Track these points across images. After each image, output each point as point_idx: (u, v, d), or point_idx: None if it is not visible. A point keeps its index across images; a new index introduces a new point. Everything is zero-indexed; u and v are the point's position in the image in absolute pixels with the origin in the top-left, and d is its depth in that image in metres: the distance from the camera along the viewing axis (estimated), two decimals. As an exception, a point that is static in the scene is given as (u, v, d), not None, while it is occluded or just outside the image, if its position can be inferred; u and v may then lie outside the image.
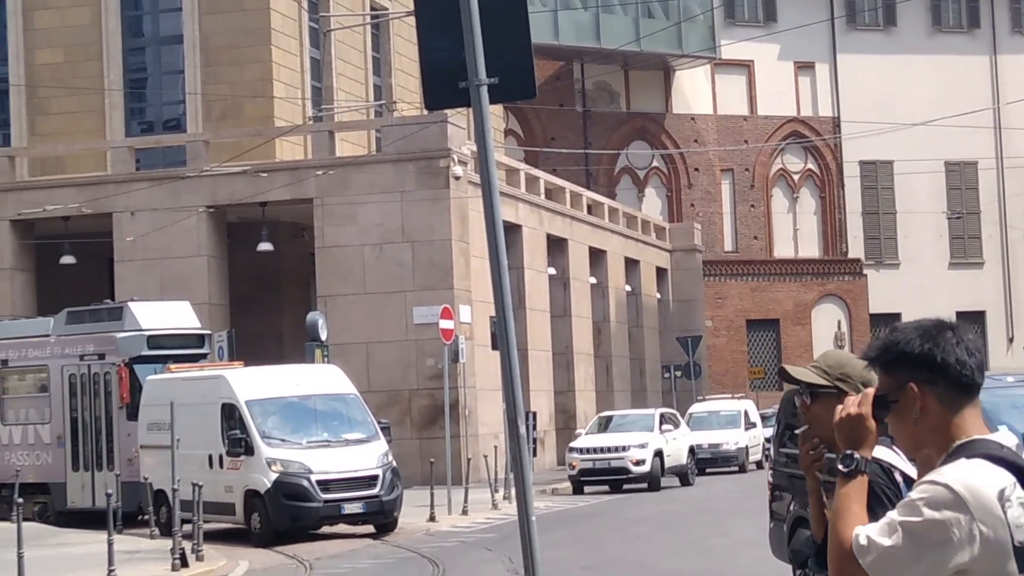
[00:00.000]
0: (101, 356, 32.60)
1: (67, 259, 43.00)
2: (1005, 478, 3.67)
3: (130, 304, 33.54)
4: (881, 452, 4.68)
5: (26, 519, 22.50)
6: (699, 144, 71.54)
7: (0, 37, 48.04)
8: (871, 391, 3.94)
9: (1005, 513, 3.63)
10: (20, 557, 19.41)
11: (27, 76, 47.15)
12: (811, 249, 74.13)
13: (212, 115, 46.09)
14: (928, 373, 3.84)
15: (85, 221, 42.81)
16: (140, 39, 47.62)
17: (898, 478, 4.79)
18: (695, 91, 72.12)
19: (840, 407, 3.99)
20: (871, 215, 74.77)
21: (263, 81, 45.70)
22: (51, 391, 33.57)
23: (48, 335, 33.87)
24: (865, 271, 73.43)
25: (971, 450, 3.76)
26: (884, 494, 4.62)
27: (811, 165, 74.60)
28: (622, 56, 66.25)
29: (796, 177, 74.26)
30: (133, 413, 30.95)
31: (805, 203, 74.43)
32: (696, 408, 48.70)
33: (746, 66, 72.45)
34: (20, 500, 22.63)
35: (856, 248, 74.16)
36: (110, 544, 21.32)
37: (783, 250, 73.64)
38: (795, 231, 73.92)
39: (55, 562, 23.58)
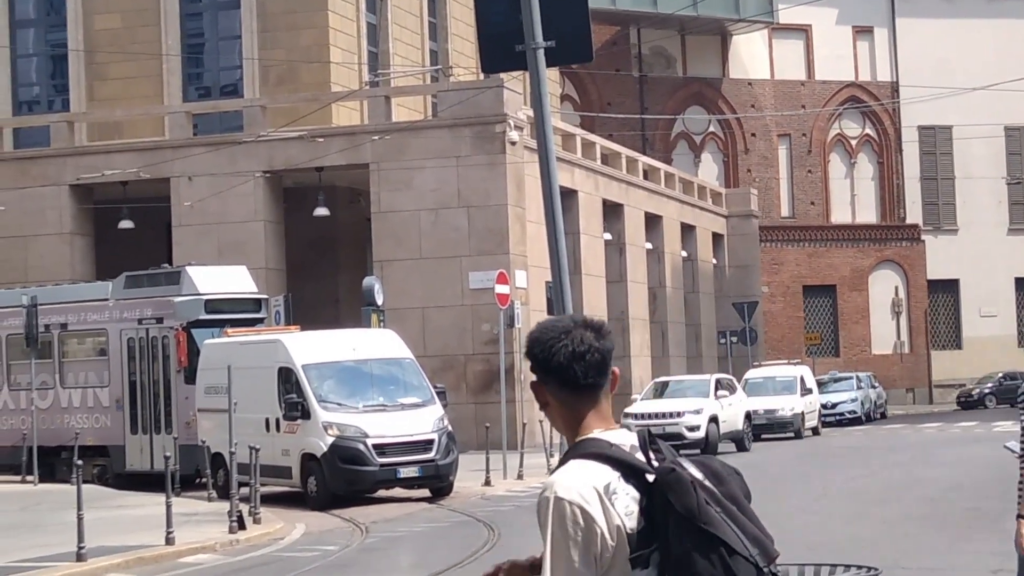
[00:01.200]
0: (159, 320, 32.79)
1: (125, 224, 43.24)
2: (608, 473, 3.99)
3: (188, 268, 33.72)
4: None
5: (85, 481, 22.70)
6: (756, 109, 71.18)
7: (59, 3, 48.28)
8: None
9: (613, 505, 3.95)
10: (80, 519, 19.60)
11: (85, 42, 47.37)
12: (869, 215, 73.70)
13: (269, 80, 46.19)
14: (543, 373, 4.19)
15: (143, 186, 43.04)
16: (197, 4, 47.74)
17: None
18: (752, 56, 71.72)
19: None
20: (929, 180, 74.23)
21: (319, 46, 45.75)
22: (110, 355, 33.81)
23: (107, 299, 34.09)
24: (923, 237, 72.97)
25: (581, 449, 4.11)
26: None
27: (869, 130, 74.12)
28: (679, 21, 65.96)
29: (854, 142, 73.81)
30: (191, 377, 31.13)
31: (863, 168, 73.97)
32: (752, 374, 48.59)
33: (804, 31, 71.96)
34: (79, 463, 22.84)
35: (914, 214, 73.67)
36: (168, 507, 21.51)
37: (840, 215, 73.24)
38: (852, 196, 73.50)
39: (114, 524, 23.80)
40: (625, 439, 4.14)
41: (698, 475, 4.01)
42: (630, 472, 4.04)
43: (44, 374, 34.57)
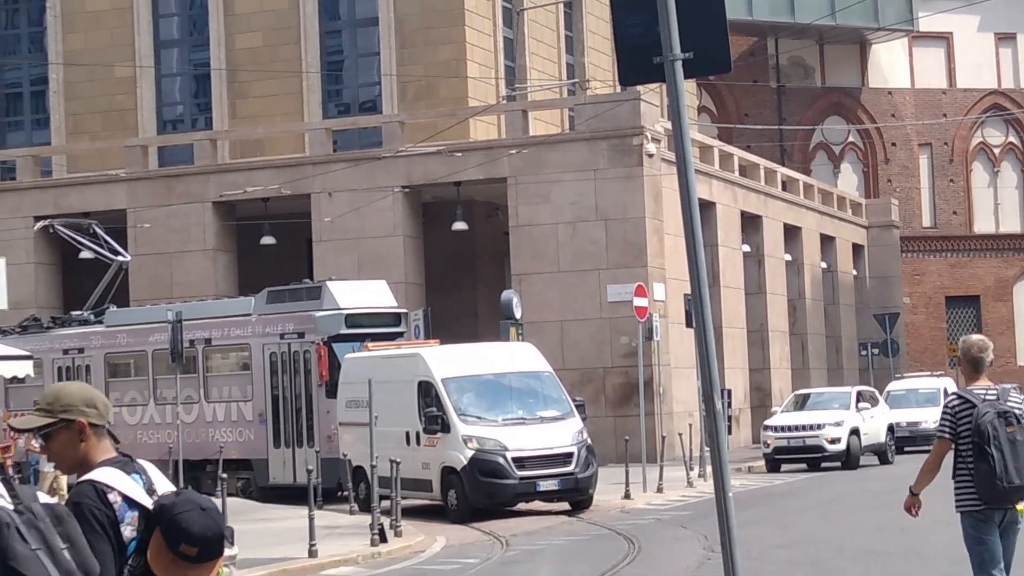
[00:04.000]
0: (301, 335, 33.13)
1: (267, 240, 43.75)
2: None
3: (328, 283, 34.04)
4: (102, 474, 5.24)
5: (230, 494, 23.01)
6: (896, 118, 70.39)
7: (202, 23, 49.03)
8: None
9: None
10: (224, 531, 19.81)
11: (228, 61, 48.06)
12: (1013, 224, 72.52)
13: (407, 96, 46.53)
14: None
15: (284, 202, 43.55)
16: (337, 22, 48.23)
17: (113, 498, 5.20)
18: (892, 65, 70.95)
19: None
20: (1075, 189, 72.91)
21: (457, 61, 46.01)
22: (253, 369, 34.22)
23: (249, 314, 34.52)
24: (1069, 246, 71.67)
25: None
26: (94, 515, 5.12)
27: (1013, 138, 72.95)
28: (817, 30, 65.47)
29: (997, 151, 72.69)
30: (332, 391, 31.40)
31: (1007, 177, 72.82)
32: (894, 386, 48.01)
33: (944, 38, 71.05)
34: (224, 476, 23.13)
35: (1060, 223, 72.40)
36: (311, 519, 21.73)
37: (984, 225, 72.15)
38: (996, 206, 72.37)
39: (258, 536, 24.07)
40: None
41: (16, 519, 4.34)
42: None
43: (189, 388, 35.07)
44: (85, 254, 40.26)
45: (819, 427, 38.26)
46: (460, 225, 42.64)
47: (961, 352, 10.69)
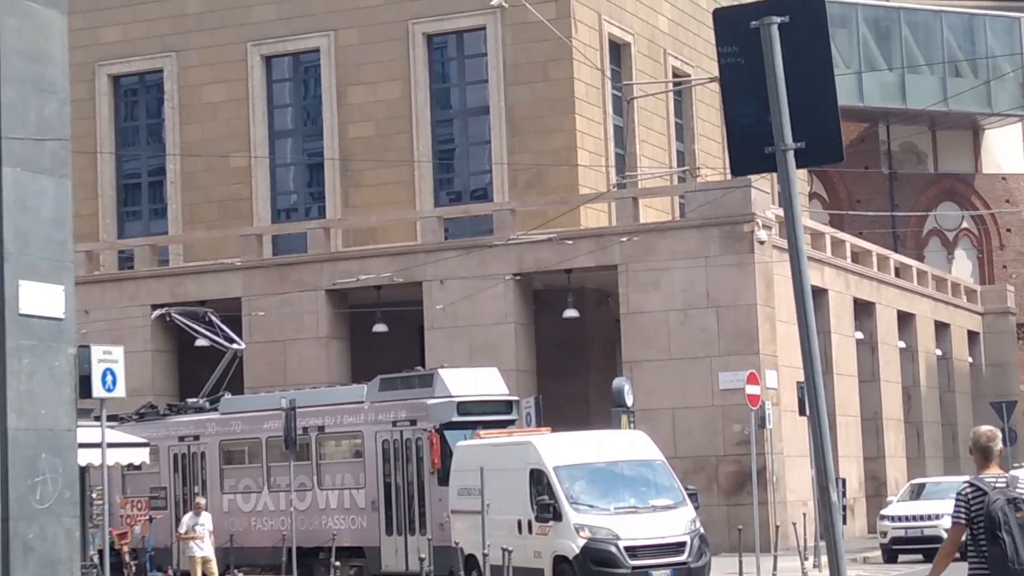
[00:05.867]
0: (413, 422, 33.27)
1: (379, 327, 44.05)
2: None
3: (440, 371, 34.20)
4: None
5: (343, 581, 23.06)
6: (1011, 204, 69.70)
7: (315, 113, 49.71)
8: None
9: None
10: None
11: (341, 150, 48.65)
12: None
13: (518, 184, 46.82)
14: None
15: (396, 290, 43.86)
16: (448, 111, 48.71)
17: None
18: (1006, 150, 70.36)
19: None
20: None
21: (567, 149, 46.25)
22: (365, 457, 34.39)
23: (362, 402, 34.74)
24: None
25: None
26: None
27: None
28: (929, 116, 65.13)
29: (1114, 236, 71.71)
30: (444, 478, 31.46)
31: (1124, 263, 71.75)
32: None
33: (1059, 123, 70.41)
34: (337, 563, 23.25)
35: None
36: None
37: (1102, 312, 71.05)
38: (1115, 292, 71.30)
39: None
40: None
41: None
42: None
43: (302, 476, 35.29)
44: (201, 342, 40.77)
45: (937, 517, 37.69)
46: (571, 312, 42.69)
47: (972, 443, 11.36)
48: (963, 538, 11.26)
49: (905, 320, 53.80)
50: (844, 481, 39.71)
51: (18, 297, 12.88)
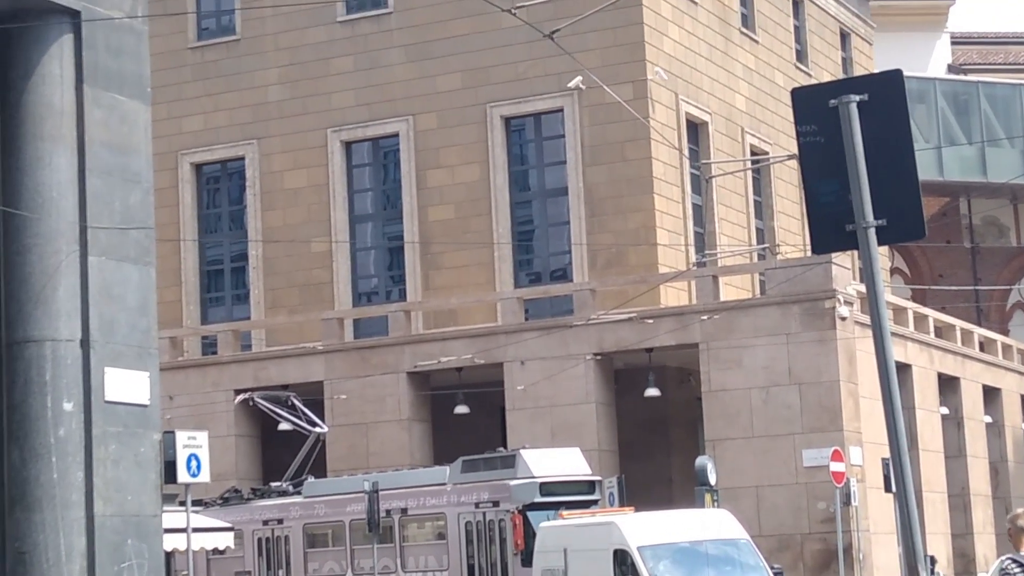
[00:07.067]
0: (495, 503, 33.23)
1: (461, 409, 44.09)
2: None
3: (522, 452, 34.19)
4: None
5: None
6: (1096, 276, 69.02)
7: (395, 197, 50.04)
8: None
9: None
10: None
11: (420, 233, 48.92)
12: None
13: (597, 264, 46.87)
14: None
15: (477, 371, 43.92)
16: (527, 193, 48.90)
17: None
18: (1089, 221, 69.76)
19: None
20: None
21: (646, 229, 46.29)
22: (448, 539, 34.36)
23: (444, 483, 34.75)
24: None
25: None
26: None
27: None
28: (1011, 189, 64.74)
29: None
30: (527, 559, 31.36)
31: None
32: (1104, 551, 46.47)
33: None
34: (422, 646, 23.20)
35: None
36: None
37: None
38: None
39: None
40: None
41: None
42: None
43: (386, 558, 35.30)
44: (284, 426, 40.98)
45: (1027, 594, 37.16)
46: (652, 391, 42.59)
47: (1009, 523, 12.37)
48: None
49: (991, 395, 53.26)
50: (934, 559, 39.26)
51: (104, 384, 13.03)
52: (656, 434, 45.98)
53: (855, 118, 8.92)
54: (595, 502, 33.56)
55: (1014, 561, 11.88)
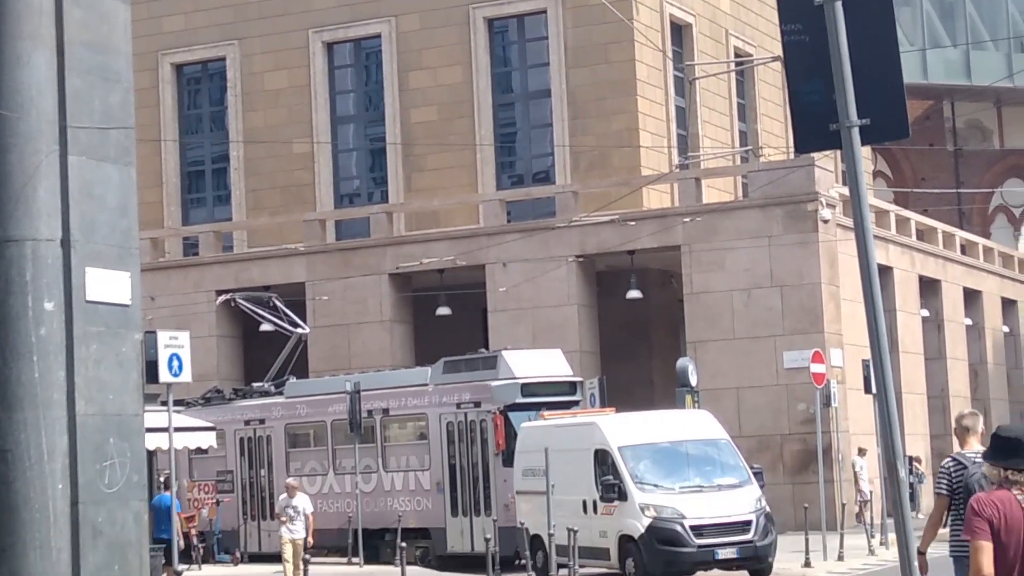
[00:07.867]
0: (477, 404, 33.36)
1: (442, 310, 44.16)
2: None
3: (504, 353, 34.28)
4: None
5: (408, 563, 23.20)
6: (1078, 179, 69.11)
7: (377, 98, 49.84)
8: None
9: None
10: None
11: (403, 135, 48.76)
12: None
13: (580, 166, 46.79)
14: None
15: (459, 273, 43.96)
16: (509, 95, 48.72)
17: None
18: (1072, 125, 69.75)
19: None
20: None
21: (629, 131, 46.19)
22: (430, 439, 34.51)
23: (426, 384, 34.87)
24: None
25: None
26: None
27: None
28: (994, 92, 64.64)
29: None
30: (509, 459, 31.53)
31: None
32: (1081, 453, 46.79)
33: None
34: (403, 545, 23.36)
35: None
36: (490, 588, 21.81)
37: None
38: None
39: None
40: None
41: None
42: None
43: (367, 458, 35.47)
44: (265, 327, 41.00)
45: (1004, 495, 37.49)
46: (634, 293, 42.67)
47: (955, 423, 12.81)
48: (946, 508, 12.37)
49: (971, 297, 53.46)
50: (918, 459, 39.53)
51: (84, 284, 12.99)
52: (637, 336, 46.12)
53: (840, 17, 8.87)
54: (576, 403, 33.70)
55: (954, 460, 12.31)
